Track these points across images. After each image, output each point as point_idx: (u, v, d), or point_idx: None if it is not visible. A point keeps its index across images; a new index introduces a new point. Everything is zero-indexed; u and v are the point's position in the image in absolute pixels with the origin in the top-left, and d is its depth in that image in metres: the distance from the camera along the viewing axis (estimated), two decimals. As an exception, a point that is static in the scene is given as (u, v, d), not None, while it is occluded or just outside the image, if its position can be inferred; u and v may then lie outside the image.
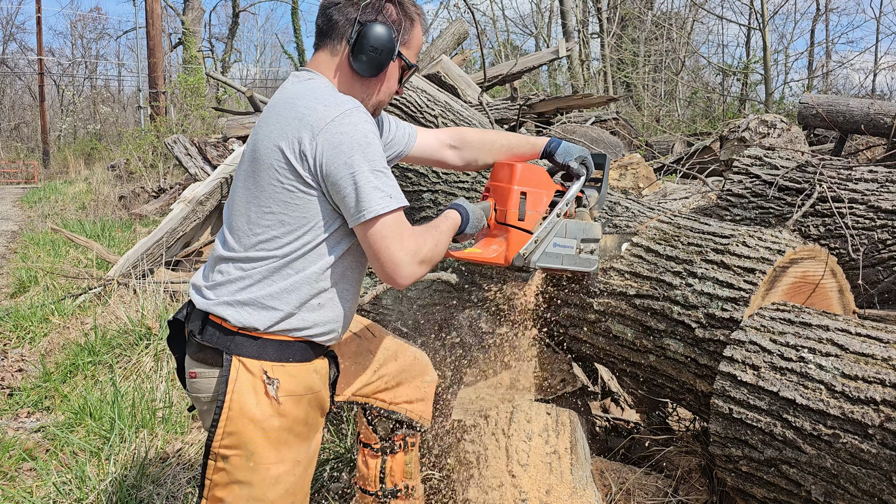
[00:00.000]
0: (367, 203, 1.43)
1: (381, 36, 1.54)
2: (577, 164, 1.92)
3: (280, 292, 1.50)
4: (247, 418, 1.48)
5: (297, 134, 1.45)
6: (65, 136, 28.87)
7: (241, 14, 29.04)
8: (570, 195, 1.88)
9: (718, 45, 31.19)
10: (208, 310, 1.52)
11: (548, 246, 1.84)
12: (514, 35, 23.02)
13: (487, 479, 1.95)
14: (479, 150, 1.95)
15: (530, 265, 1.81)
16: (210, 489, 1.52)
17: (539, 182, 1.82)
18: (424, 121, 4.91)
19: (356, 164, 1.43)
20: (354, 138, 1.43)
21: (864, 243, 2.78)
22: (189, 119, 14.35)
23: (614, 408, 2.80)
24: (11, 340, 4.54)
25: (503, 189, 1.80)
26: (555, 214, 1.84)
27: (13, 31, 38.62)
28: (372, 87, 1.63)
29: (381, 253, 1.45)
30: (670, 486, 2.07)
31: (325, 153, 1.43)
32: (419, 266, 1.49)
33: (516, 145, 1.97)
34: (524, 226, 1.79)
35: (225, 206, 1.64)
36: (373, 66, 1.57)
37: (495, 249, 1.78)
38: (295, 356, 1.54)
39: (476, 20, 3.68)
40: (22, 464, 2.86)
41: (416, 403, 2.00)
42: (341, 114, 1.45)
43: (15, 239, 8.96)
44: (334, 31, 1.58)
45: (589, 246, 1.96)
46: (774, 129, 5.89)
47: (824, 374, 1.62)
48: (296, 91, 1.55)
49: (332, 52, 1.59)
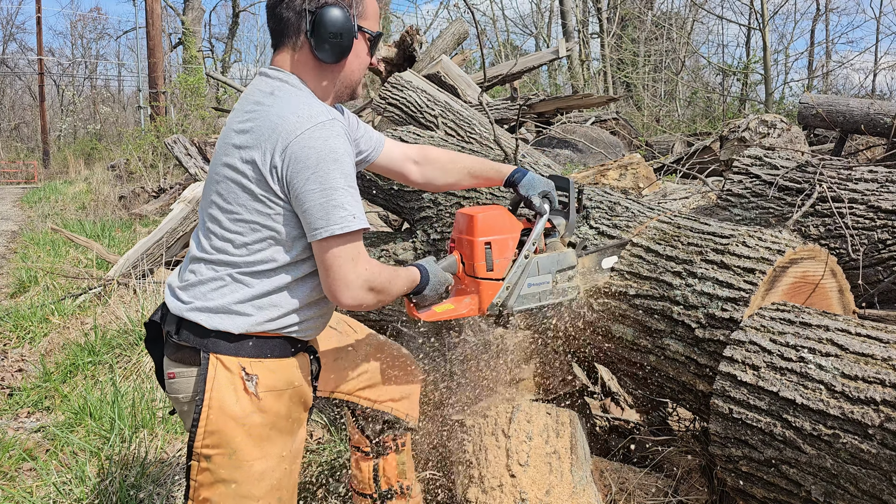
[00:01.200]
0: (326, 220, 1.41)
1: (336, 19, 1.49)
2: (540, 201, 1.85)
3: (252, 297, 1.49)
4: (227, 416, 1.47)
5: (270, 145, 1.42)
6: (65, 136, 28.88)
7: (241, 14, 29.03)
8: (536, 234, 1.82)
9: (718, 45, 31.22)
10: (181, 315, 1.51)
11: (521, 289, 1.81)
12: (514, 35, 23.04)
13: (487, 479, 1.95)
14: (440, 170, 1.91)
15: (507, 312, 1.79)
16: (196, 490, 1.51)
17: (502, 227, 1.78)
18: (424, 121, 4.91)
19: (320, 179, 1.40)
20: (322, 153, 1.41)
21: (864, 243, 2.78)
22: (189, 119, 14.35)
23: (614, 408, 2.79)
24: (11, 340, 4.54)
25: (466, 242, 1.77)
26: (523, 256, 1.80)
27: (13, 31, 38.63)
28: (342, 70, 1.58)
29: (332, 271, 1.44)
30: (670, 486, 2.07)
31: (290, 165, 1.41)
32: (367, 293, 1.48)
33: (480, 170, 1.93)
34: (494, 276, 1.76)
35: (200, 206, 1.62)
36: (337, 52, 1.52)
37: (468, 303, 1.77)
38: (273, 352, 1.53)
39: (476, 20, 3.68)
40: (22, 464, 2.86)
41: (401, 401, 1.99)
42: (312, 126, 1.42)
43: (15, 239, 8.96)
44: (288, 28, 1.53)
45: (566, 275, 1.91)
46: (774, 129, 5.89)
47: (824, 374, 1.62)
48: (269, 92, 1.51)
49: (293, 49, 1.54)
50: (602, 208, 2.53)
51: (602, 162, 6.05)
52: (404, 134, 3.53)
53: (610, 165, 5.30)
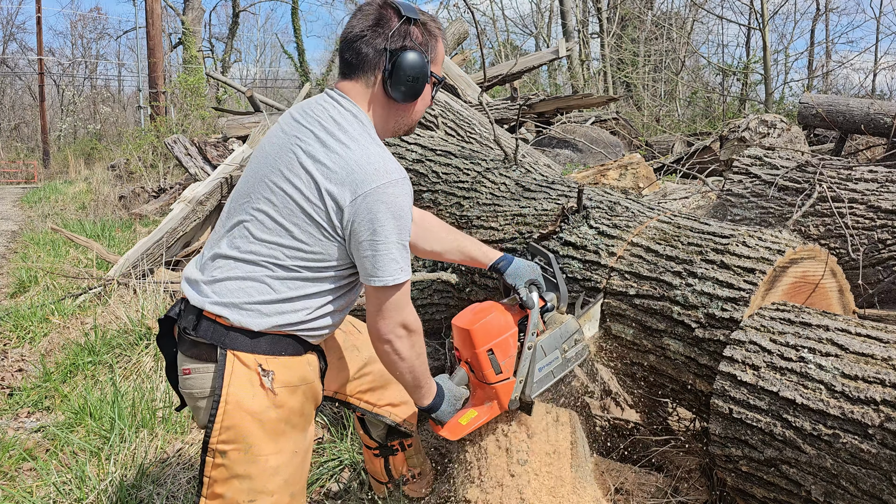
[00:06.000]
0: (382, 271, 1.50)
1: (414, 63, 1.56)
2: (526, 292, 1.85)
3: (278, 300, 1.54)
4: (244, 411, 1.50)
5: (341, 186, 1.48)
6: (65, 136, 28.87)
7: (241, 14, 29.04)
8: (533, 325, 1.84)
9: (718, 45, 31.17)
10: (204, 307, 1.54)
11: (534, 376, 1.84)
12: (514, 35, 23.01)
13: (487, 478, 1.95)
14: (432, 236, 1.95)
15: (527, 400, 1.83)
16: (209, 486, 1.54)
17: (499, 329, 1.80)
18: (424, 121, 4.91)
19: (384, 234, 1.48)
20: (392, 209, 1.48)
21: (864, 243, 2.78)
22: (189, 119, 14.33)
23: (614, 408, 2.79)
24: (11, 340, 4.54)
25: (470, 354, 1.81)
26: (527, 348, 1.83)
27: (13, 31, 38.62)
28: (410, 109, 1.66)
29: (380, 312, 1.55)
30: (670, 486, 2.07)
31: (359, 214, 1.47)
32: (401, 328, 1.57)
33: (469, 249, 1.96)
34: (504, 377, 1.80)
35: (231, 200, 1.64)
36: (411, 92, 1.59)
37: (489, 408, 1.83)
38: (287, 349, 1.58)
39: (476, 20, 3.68)
40: (22, 464, 2.85)
41: (400, 406, 2.03)
42: (387, 182, 1.48)
43: (15, 239, 8.95)
44: (366, 64, 1.58)
45: (572, 341, 1.93)
46: (774, 129, 5.89)
47: (824, 374, 1.62)
48: (346, 129, 1.54)
49: (366, 84, 1.60)
50: (602, 208, 2.53)
51: (602, 162, 6.05)
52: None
53: (610, 165, 5.30)
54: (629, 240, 2.20)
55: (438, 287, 2.78)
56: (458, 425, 1.78)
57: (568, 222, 2.37)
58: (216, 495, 1.53)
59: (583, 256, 2.23)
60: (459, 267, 2.63)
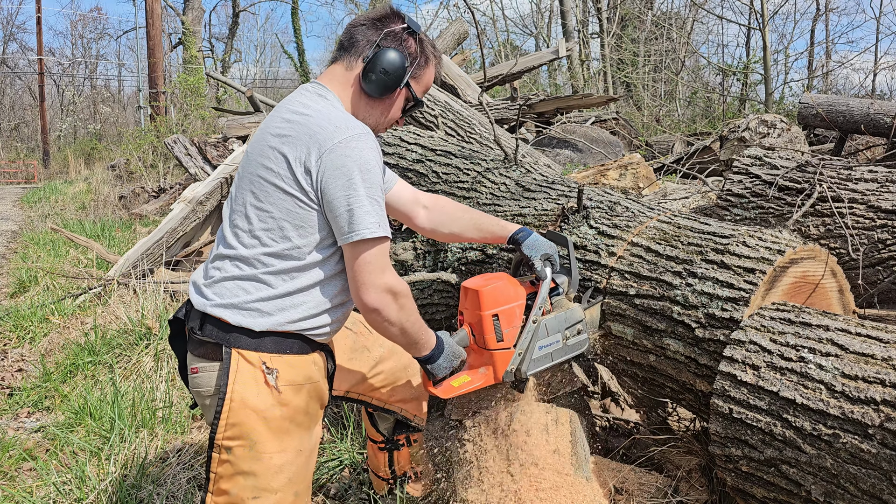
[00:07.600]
0: (357, 224, 1.48)
1: (393, 61, 1.61)
2: (541, 264, 1.86)
3: (274, 297, 1.55)
4: (248, 408, 1.52)
5: (306, 149, 1.50)
6: (65, 136, 28.87)
7: (241, 14, 29.06)
8: (541, 299, 1.84)
9: (718, 45, 31.15)
10: (205, 311, 1.56)
11: (533, 353, 1.83)
12: (514, 35, 23.01)
13: (487, 478, 1.95)
14: (448, 218, 1.96)
15: (522, 376, 1.83)
16: (215, 482, 1.55)
17: (507, 297, 1.80)
18: (424, 121, 4.91)
19: (353, 187, 1.48)
20: (357, 162, 1.49)
21: (864, 243, 2.78)
22: (189, 119, 14.34)
23: (614, 408, 2.79)
24: (11, 340, 4.54)
25: (474, 316, 1.80)
26: (531, 321, 1.83)
27: (13, 31, 38.59)
28: (376, 108, 1.68)
29: (360, 274, 1.51)
30: (670, 486, 2.07)
31: (326, 172, 1.48)
32: (390, 296, 1.53)
33: (486, 224, 1.97)
34: (504, 345, 1.80)
35: (226, 203, 1.68)
36: (380, 87, 1.62)
37: (483, 374, 1.81)
38: (292, 349, 1.59)
39: (476, 20, 3.68)
40: (22, 464, 2.86)
41: (411, 402, 2.07)
42: (350, 137, 1.50)
43: (15, 239, 8.95)
44: (354, 48, 1.65)
45: (574, 329, 1.94)
46: (774, 129, 5.89)
47: (824, 374, 1.62)
48: (308, 104, 1.59)
49: (347, 67, 1.65)
50: (602, 208, 2.53)
51: (602, 162, 6.05)
52: (404, 134, 3.53)
53: (610, 165, 5.30)
54: (629, 240, 2.20)
55: (438, 287, 2.78)
56: (451, 387, 1.77)
57: (568, 222, 2.37)
58: (222, 491, 1.55)
59: (583, 256, 2.23)
60: (459, 267, 2.63)
